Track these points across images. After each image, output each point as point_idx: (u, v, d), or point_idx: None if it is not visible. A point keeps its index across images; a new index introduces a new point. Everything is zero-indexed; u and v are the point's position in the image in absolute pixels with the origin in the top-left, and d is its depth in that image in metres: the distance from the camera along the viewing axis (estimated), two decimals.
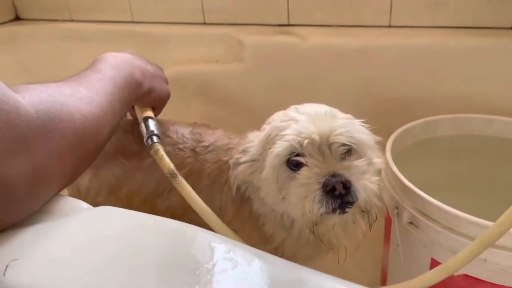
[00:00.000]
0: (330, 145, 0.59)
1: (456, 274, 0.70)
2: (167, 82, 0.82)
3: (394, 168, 0.78)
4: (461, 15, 1.13)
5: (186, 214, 0.72)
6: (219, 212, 0.75)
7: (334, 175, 0.56)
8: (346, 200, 0.57)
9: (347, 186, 0.56)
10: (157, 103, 0.80)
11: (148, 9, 1.43)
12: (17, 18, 1.64)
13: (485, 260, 0.65)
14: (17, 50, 1.52)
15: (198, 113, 1.37)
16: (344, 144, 0.59)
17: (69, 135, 0.45)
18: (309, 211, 0.57)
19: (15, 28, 1.57)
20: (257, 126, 0.77)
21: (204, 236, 0.37)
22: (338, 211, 0.57)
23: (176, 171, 0.66)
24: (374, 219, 0.64)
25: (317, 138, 0.58)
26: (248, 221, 0.73)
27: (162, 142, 0.72)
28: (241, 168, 0.67)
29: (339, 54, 1.17)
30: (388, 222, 0.87)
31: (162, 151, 0.68)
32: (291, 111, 0.65)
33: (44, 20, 1.59)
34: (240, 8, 1.32)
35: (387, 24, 1.19)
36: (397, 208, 0.77)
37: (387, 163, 0.81)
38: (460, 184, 0.99)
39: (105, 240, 0.37)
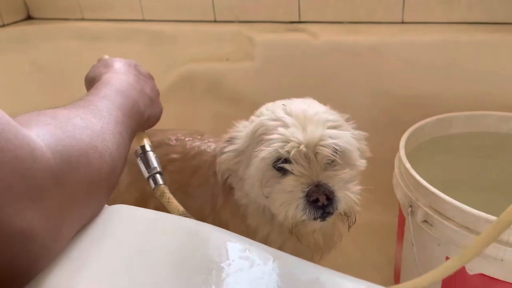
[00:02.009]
0: (316, 153, 0.60)
1: (472, 273, 0.69)
2: (158, 94, 0.73)
3: (408, 166, 0.77)
4: (475, 11, 1.12)
5: None
6: (211, 199, 0.78)
7: (318, 185, 0.58)
8: (327, 210, 0.59)
9: (329, 197, 0.58)
10: (149, 127, 0.72)
11: (159, 7, 1.43)
12: (29, 18, 1.66)
13: (502, 260, 0.64)
14: (29, 49, 1.53)
15: (208, 111, 1.38)
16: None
17: (85, 183, 0.39)
18: (292, 218, 0.60)
19: (27, 27, 1.58)
20: None
21: (220, 235, 0.37)
22: (318, 219, 0.60)
23: (187, 214, 0.60)
24: (353, 221, 0.66)
25: (304, 149, 0.59)
26: (236, 211, 0.74)
27: (164, 180, 0.65)
28: (225, 156, 0.69)
29: (351, 51, 1.16)
30: (402, 221, 0.86)
31: (168, 194, 0.63)
32: (279, 109, 0.65)
33: (56, 19, 1.60)
34: (250, 6, 1.31)
35: (400, 20, 1.18)
36: (411, 206, 0.76)
37: (400, 161, 0.81)
38: (475, 182, 0.98)
39: (121, 239, 0.37)
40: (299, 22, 1.29)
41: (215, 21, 1.38)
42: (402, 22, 1.18)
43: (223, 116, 1.35)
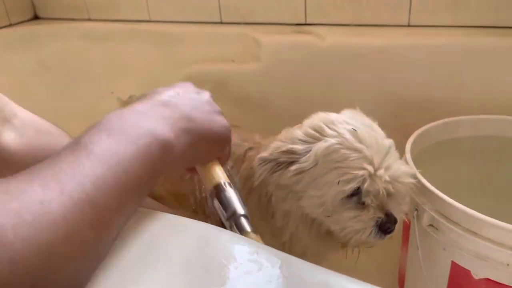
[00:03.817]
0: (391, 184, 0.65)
1: (477, 278, 0.69)
2: (219, 113, 0.52)
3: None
4: (482, 14, 1.12)
5: None
6: None
7: (387, 214, 0.65)
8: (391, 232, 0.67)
9: (395, 223, 0.66)
10: (219, 150, 0.52)
11: (165, 8, 1.44)
12: (36, 17, 1.66)
13: (508, 264, 0.64)
14: (35, 49, 1.54)
15: None
16: None
17: None
18: (364, 242, 0.67)
19: (33, 27, 1.59)
20: (273, 126, 0.77)
21: (228, 237, 0.37)
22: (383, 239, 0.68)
23: None
24: None
25: (391, 188, 0.64)
26: (255, 211, 0.75)
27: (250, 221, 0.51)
28: (287, 173, 0.68)
29: (357, 54, 1.16)
30: (407, 224, 0.86)
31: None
32: (347, 133, 0.65)
33: (62, 19, 1.61)
34: (257, 7, 1.31)
35: (406, 23, 1.18)
36: (416, 210, 0.76)
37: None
38: (481, 186, 0.98)
39: (128, 241, 0.37)
40: (305, 24, 1.29)
41: (221, 23, 1.38)
42: (409, 25, 1.18)
43: (228, 117, 1.35)
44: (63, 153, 0.33)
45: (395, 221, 0.65)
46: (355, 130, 0.65)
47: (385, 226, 0.65)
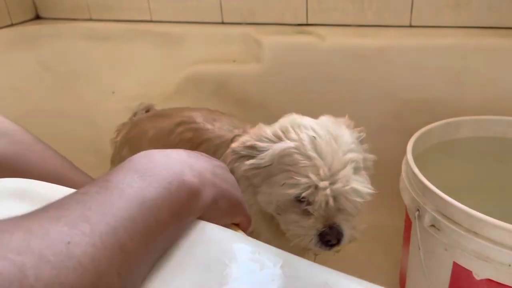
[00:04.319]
0: (336, 198, 0.65)
1: (479, 278, 0.69)
2: (234, 180, 0.49)
3: (416, 170, 0.77)
4: (484, 15, 1.12)
5: None
6: None
7: (331, 227, 0.65)
8: (334, 245, 0.67)
9: (339, 238, 0.66)
10: (234, 214, 0.48)
11: (167, 9, 1.44)
12: (37, 17, 1.67)
13: (509, 265, 0.64)
14: (37, 49, 1.54)
15: None
16: None
17: None
18: (305, 247, 0.68)
19: (35, 27, 1.59)
20: None
21: (230, 237, 0.37)
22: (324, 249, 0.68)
23: None
24: None
25: (331, 201, 0.64)
26: None
27: None
28: (243, 166, 0.70)
29: (359, 54, 1.16)
30: (408, 224, 0.86)
31: None
32: (307, 140, 0.65)
33: (64, 19, 1.61)
34: (258, 8, 1.32)
35: (408, 24, 1.18)
36: (418, 210, 0.76)
37: (408, 165, 0.80)
38: (482, 186, 0.98)
39: None
40: (307, 24, 1.29)
41: (222, 23, 1.38)
42: (410, 26, 1.18)
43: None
44: (92, 190, 0.31)
45: (338, 235, 0.66)
46: (314, 137, 0.66)
47: (325, 238, 0.65)
